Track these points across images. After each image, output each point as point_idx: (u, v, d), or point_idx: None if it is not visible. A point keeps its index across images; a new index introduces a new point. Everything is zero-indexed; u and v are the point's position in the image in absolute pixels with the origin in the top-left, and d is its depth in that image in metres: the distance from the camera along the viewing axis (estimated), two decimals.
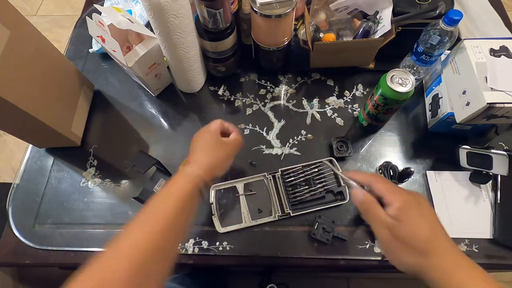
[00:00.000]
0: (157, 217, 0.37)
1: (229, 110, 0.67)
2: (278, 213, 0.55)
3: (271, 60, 0.67)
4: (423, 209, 0.34)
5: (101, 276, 0.30)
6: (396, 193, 0.35)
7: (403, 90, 0.51)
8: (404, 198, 0.35)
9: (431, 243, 0.33)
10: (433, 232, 0.33)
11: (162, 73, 0.65)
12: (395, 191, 0.36)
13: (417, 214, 0.34)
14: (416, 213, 0.34)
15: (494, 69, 0.49)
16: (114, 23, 0.55)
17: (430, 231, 0.33)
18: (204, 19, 0.56)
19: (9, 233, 0.57)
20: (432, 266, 0.32)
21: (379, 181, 0.38)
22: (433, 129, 0.61)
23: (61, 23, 1.78)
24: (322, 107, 0.67)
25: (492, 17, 0.74)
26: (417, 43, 0.58)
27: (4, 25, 0.46)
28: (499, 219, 0.53)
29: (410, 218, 0.34)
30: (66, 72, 0.62)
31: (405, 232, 0.33)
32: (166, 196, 0.40)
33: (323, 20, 0.67)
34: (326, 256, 0.53)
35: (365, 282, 1.06)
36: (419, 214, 0.34)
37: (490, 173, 0.54)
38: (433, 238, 0.33)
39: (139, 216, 0.37)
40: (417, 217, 0.34)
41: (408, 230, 0.33)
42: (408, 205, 0.34)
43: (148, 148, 0.64)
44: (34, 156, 0.64)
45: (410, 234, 0.33)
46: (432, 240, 0.33)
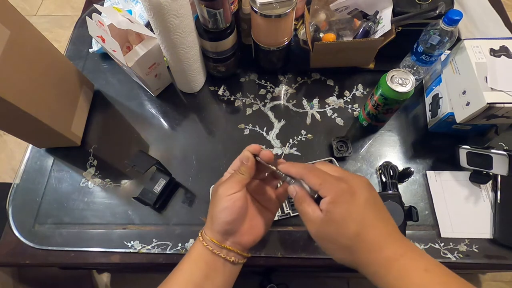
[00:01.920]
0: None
1: (229, 110, 0.67)
2: (278, 213, 0.55)
3: (271, 60, 0.67)
4: (355, 202, 0.31)
5: None
6: (328, 185, 0.32)
7: (403, 90, 0.51)
8: (336, 191, 0.32)
9: (358, 238, 0.31)
10: (361, 227, 0.31)
11: (162, 73, 0.65)
12: (327, 182, 0.33)
13: (345, 209, 0.31)
14: (344, 208, 0.31)
15: (494, 69, 0.49)
16: (114, 23, 0.55)
17: (358, 226, 0.31)
18: (204, 19, 0.56)
19: (9, 233, 0.56)
20: (364, 262, 0.31)
21: (312, 173, 0.34)
22: (433, 129, 0.61)
23: (61, 23, 1.78)
24: (322, 107, 0.67)
25: (492, 17, 0.73)
26: (417, 43, 0.58)
27: (4, 25, 0.46)
28: (499, 219, 0.53)
29: (337, 214, 0.31)
30: (66, 72, 0.62)
31: (331, 230, 0.32)
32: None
33: (323, 20, 0.67)
34: (326, 256, 0.52)
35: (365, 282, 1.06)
36: (347, 209, 0.31)
37: (490, 173, 0.54)
38: (361, 233, 0.31)
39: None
40: (344, 212, 0.31)
41: (334, 227, 0.31)
42: (338, 199, 0.31)
43: (148, 148, 0.64)
44: (34, 156, 0.64)
45: (335, 232, 0.31)
46: (359, 236, 0.31)
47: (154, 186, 0.55)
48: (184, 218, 0.57)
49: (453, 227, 0.54)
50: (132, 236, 0.55)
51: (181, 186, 0.59)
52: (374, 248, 0.31)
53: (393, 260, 0.30)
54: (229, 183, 0.37)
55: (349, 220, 0.31)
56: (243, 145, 0.62)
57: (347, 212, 0.31)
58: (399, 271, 0.29)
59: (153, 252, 0.54)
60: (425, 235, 0.54)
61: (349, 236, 0.31)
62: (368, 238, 0.31)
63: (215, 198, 0.37)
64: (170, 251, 0.54)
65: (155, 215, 0.57)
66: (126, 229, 0.56)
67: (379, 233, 0.31)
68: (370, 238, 0.31)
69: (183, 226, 0.56)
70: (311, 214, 0.33)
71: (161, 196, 0.55)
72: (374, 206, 0.32)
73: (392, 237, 0.31)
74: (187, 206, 0.58)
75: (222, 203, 0.35)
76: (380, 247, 0.30)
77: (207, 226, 0.38)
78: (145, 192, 0.54)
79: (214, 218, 0.36)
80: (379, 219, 0.32)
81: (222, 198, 0.36)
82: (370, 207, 0.32)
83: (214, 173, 0.60)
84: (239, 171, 0.37)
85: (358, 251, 0.31)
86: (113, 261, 0.54)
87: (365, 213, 0.31)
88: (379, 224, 0.32)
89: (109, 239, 0.55)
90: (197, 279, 0.35)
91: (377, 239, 0.31)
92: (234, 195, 0.35)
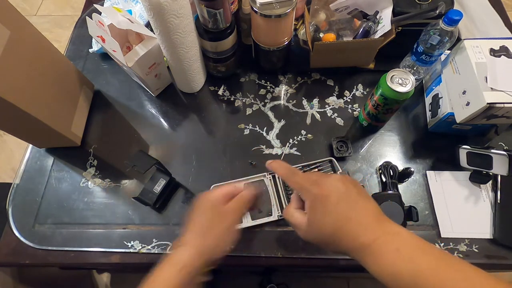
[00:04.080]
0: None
1: (229, 110, 0.67)
2: (278, 213, 0.55)
3: (271, 60, 0.67)
4: (327, 204, 0.35)
5: None
6: (305, 191, 0.37)
7: (403, 90, 0.51)
8: (311, 196, 0.36)
9: (337, 234, 0.34)
10: (336, 225, 0.34)
11: (162, 73, 0.65)
12: (304, 188, 0.37)
13: (320, 212, 0.35)
14: (320, 211, 0.35)
15: (494, 69, 0.49)
16: (114, 23, 0.55)
17: (333, 225, 0.34)
18: (204, 19, 0.56)
19: (9, 233, 0.56)
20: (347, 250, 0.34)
21: (292, 179, 0.39)
22: (433, 129, 0.61)
23: (61, 23, 1.78)
24: (322, 107, 0.67)
25: (492, 17, 0.74)
26: (417, 43, 0.58)
27: (4, 25, 0.46)
28: (499, 219, 0.53)
29: (315, 218, 0.35)
30: (66, 72, 0.62)
31: (314, 231, 0.36)
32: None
33: (323, 20, 0.67)
34: (326, 256, 0.53)
35: (365, 282, 1.06)
36: (322, 212, 0.35)
37: (490, 173, 0.54)
38: (337, 229, 0.34)
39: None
40: (320, 215, 0.35)
41: (316, 229, 0.35)
42: (314, 204, 0.35)
43: (148, 148, 0.64)
44: (34, 156, 0.64)
45: (318, 232, 0.35)
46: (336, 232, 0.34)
47: (154, 186, 0.55)
48: (184, 218, 0.56)
49: (453, 227, 0.54)
50: (132, 236, 0.55)
51: (181, 186, 0.59)
52: (352, 237, 0.33)
53: (367, 246, 0.32)
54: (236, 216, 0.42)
55: (325, 219, 0.35)
56: (243, 145, 0.63)
57: (323, 213, 0.35)
58: (373, 254, 0.32)
59: (153, 252, 0.54)
60: (425, 235, 0.54)
61: (329, 233, 0.34)
62: (344, 231, 0.34)
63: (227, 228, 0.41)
64: (170, 251, 0.54)
65: (155, 215, 0.57)
66: (126, 229, 0.56)
67: (354, 224, 0.34)
68: (346, 230, 0.34)
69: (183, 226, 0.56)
70: (296, 223, 0.38)
71: (161, 196, 0.55)
72: (348, 201, 0.35)
73: (367, 224, 0.34)
74: (187, 206, 0.58)
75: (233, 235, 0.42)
76: (356, 236, 0.33)
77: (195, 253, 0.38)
78: (145, 192, 0.54)
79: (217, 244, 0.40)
80: (353, 211, 0.34)
81: (233, 229, 0.41)
82: (343, 203, 0.35)
83: (214, 173, 0.60)
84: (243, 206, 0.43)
85: (339, 243, 0.34)
86: (113, 261, 0.54)
87: (338, 211, 0.34)
88: (354, 215, 0.34)
89: (109, 239, 0.55)
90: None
91: (353, 228, 0.34)
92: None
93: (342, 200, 0.35)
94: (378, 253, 0.32)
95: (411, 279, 0.29)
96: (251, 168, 0.60)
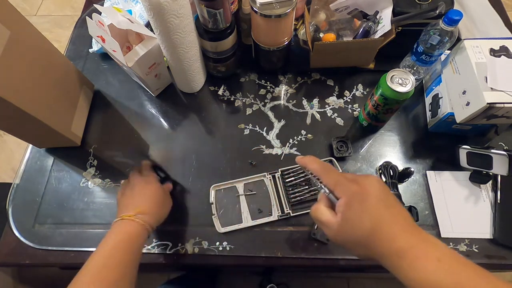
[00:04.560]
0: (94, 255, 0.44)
1: (229, 110, 0.67)
2: (278, 213, 0.55)
3: (271, 60, 0.67)
4: (367, 201, 0.34)
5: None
6: (342, 187, 0.35)
7: (403, 90, 0.51)
8: (349, 192, 0.35)
9: (373, 234, 0.32)
10: (374, 224, 0.33)
11: (162, 73, 0.65)
12: (341, 184, 0.36)
13: (359, 209, 0.33)
14: (358, 208, 0.33)
15: (494, 69, 0.49)
16: (114, 23, 0.55)
17: (371, 223, 0.33)
18: (204, 19, 0.56)
19: (9, 233, 0.57)
20: (380, 254, 0.32)
21: (328, 174, 0.37)
22: (433, 129, 0.61)
23: (61, 23, 1.78)
24: (322, 107, 0.67)
25: (492, 17, 0.74)
26: (417, 43, 0.58)
27: (4, 25, 0.46)
28: (499, 219, 0.53)
29: (352, 214, 0.34)
30: (66, 72, 0.62)
31: (347, 230, 0.34)
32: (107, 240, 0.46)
33: (323, 20, 0.67)
34: (326, 256, 0.53)
35: (365, 282, 1.06)
36: (361, 209, 0.33)
37: (490, 173, 0.54)
38: (375, 228, 0.32)
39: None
40: (359, 211, 0.33)
41: (349, 227, 0.34)
42: (352, 200, 0.34)
43: (148, 148, 0.64)
44: (34, 156, 0.64)
45: (351, 231, 0.34)
46: (373, 231, 0.32)
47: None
48: (184, 218, 0.57)
49: (453, 227, 0.54)
50: None
51: (181, 186, 0.59)
52: (388, 240, 0.32)
53: (405, 250, 0.31)
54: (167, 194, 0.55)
55: (363, 218, 0.33)
56: (243, 145, 0.63)
57: (361, 211, 0.33)
58: (411, 260, 0.31)
59: (153, 252, 0.54)
60: None
61: (364, 233, 0.33)
62: (382, 232, 0.32)
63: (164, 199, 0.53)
64: (170, 251, 0.54)
65: None
66: None
67: (392, 227, 0.33)
68: (383, 232, 0.32)
69: (183, 226, 0.56)
70: (327, 221, 0.36)
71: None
72: (386, 203, 0.34)
73: (405, 229, 0.33)
74: (187, 206, 0.58)
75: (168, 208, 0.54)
76: (393, 239, 0.32)
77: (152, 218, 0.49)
78: None
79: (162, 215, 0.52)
80: (391, 214, 0.33)
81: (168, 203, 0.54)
82: (382, 204, 0.34)
83: (214, 173, 0.60)
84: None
85: (373, 245, 0.33)
86: None
87: (378, 210, 0.33)
88: (392, 218, 0.33)
89: None
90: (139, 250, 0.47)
91: (391, 232, 0.32)
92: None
93: (381, 200, 0.34)
94: (417, 260, 0.31)
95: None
96: (251, 168, 0.60)
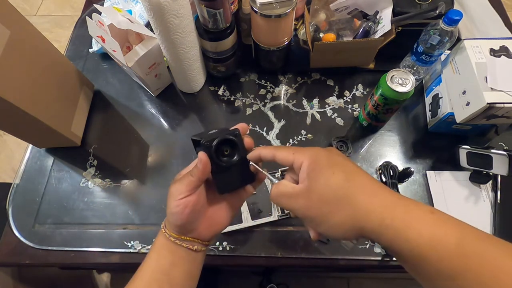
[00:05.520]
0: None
1: (229, 110, 0.67)
2: (278, 213, 0.55)
3: (271, 60, 0.67)
4: (333, 156, 0.30)
5: None
6: (300, 152, 0.31)
7: (403, 90, 0.51)
8: (310, 153, 0.30)
9: (350, 183, 0.28)
10: (348, 173, 0.29)
11: (162, 73, 0.65)
12: (298, 151, 0.31)
13: (326, 163, 0.29)
14: (325, 163, 0.29)
15: (494, 69, 0.49)
16: (114, 23, 0.55)
17: (344, 172, 0.29)
18: (204, 19, 0.56)
19: (9, 233, 0.56)
20: (366, 210, 0.27)
21: (282, 149, 0.33)
22: (433, 129, 0.61)
23: (61, 23, 1.78)
24: (322, 107, 0.67)
25: (492, 17, 0.73)
26: (417, 43, 0.58)
27: (4, 25, 0.46)
28: (499, 219, 0.53)
29: (320, 169, 0.29)
30: (66, 72, 0.62)
31: (320, 189, 0.29)
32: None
33: (323, 20, 0.67)
34: (326, 256, 0.53)
35: (365, 282, 1.06)
36: (328, 163, 0.29)
37: (490, 173, 0.54)
38: (350, 178, 0.28)
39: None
40: (326, 166, 0.29)
41: (322, 185, 0.28)
42: (316, 158, 0.30)
43: (148, 148, 0.64)
44: (34, 156, 0.64)
45: (325, 187, 0.28)
46: (349, 181, 0.28)
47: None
48: None
49: None
50: (132, 236, 0.55)
51: None
52: (369, 192, 0.28)
53: (396, 200, 0.27)
54: (179, 186, 0.34)
55: (334, 169, 0.29)
56: None
57: (328, 165, 0.29)
58: (405, 209, 0.26)
59: None
60: None
61: (340, 183, 0.28)
62: (360, 183, 0.28)
63: (168, 196, 0.35)
64: None
65: (155, 215, 0.57)
66: (126, 229, 0.56)
67: (367, 179, 0.29)
68: (361, 183, 0.29)
69: None
70: (293, 192, 0.30)
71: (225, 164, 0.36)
72: (350, 161, 0.31)
73: (380, 184, 0.29)
74: None
75: (171, 207, 0.33)
76: (374, 191, 0.28)
77: (166, 220, 0.37)
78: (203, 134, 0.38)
79: (168, 217, 0.35)
80: (359, 169, 0.30)
81: (171, 201, 0.34)
82: (348, 161, 0.31)
83: None
84: (191, 173, 0.34)
85: (355, 197, 0.28)
86: (113, 261, 0.54)
87: (345, 162, 0.30)
88: (362, 172, 0.30)
89: (109, 239, 0.55)
90: (163, 267, 0.35)
91: (368, 184, 0.29)
92: (183, 200, 0.33)
93: (344, 159, 0.30)
94: (410, 210, 0.26)
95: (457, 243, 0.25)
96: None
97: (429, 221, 0.26)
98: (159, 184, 0.60)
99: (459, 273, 0.24)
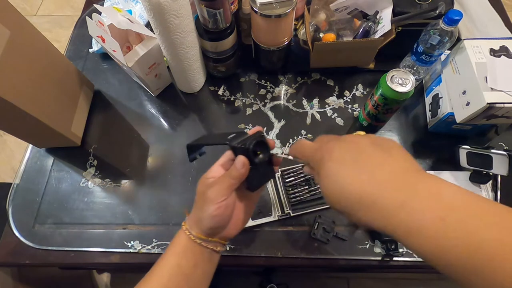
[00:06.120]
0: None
1: (229, 110, 0.67)
2: (278, 213, 0.55)
3: (271, 60, 0.67)
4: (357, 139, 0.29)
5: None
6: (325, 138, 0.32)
7: (403, 90, 0.51)
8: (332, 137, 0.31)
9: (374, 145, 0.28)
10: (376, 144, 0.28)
11: (162, 73, 0.65)
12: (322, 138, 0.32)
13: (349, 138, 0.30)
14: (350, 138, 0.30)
15: (494, 69, 0.49)
16: (114, 23, 0.55)
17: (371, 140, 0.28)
18: (204, 19, 0.56)
19: (9, 233, 0.57)
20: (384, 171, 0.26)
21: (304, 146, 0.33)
22: (433, 129, 0.61)
23: (61, 23, 1.79)
24: (322, 107, 0.67)
25: (492, 17, 0.73)
26: (417, 43, 0.58)
27: (4, 25, 0.46)
28: None
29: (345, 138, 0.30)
30: (66, 72, 0.62)
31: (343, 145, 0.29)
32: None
33: (323, 20, 0.67)
34: (326, 256, 0.53)
35: (365, 282, 1.06)
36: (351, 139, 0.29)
37: (490, 173, 0.54)
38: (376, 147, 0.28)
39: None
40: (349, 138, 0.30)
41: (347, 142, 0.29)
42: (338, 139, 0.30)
43: (148, 148, 0.64)
44: (34, 156, 0.64)
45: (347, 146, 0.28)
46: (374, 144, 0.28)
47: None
48: (184, 218, 0.56)
49: None
50: (132, 236, 0.55)
51: (181, 186, 0.59)
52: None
53: (418, 169, 0.26)
54: (219, 188, 0.34)
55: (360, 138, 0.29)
56: None
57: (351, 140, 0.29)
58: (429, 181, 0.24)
59: (153, 252, 0.54)
60: None
61: (366, 141, 0.28)
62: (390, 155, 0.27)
63: (203, 200, 0.35)
64: None
65: (155, 215, 0.57)
66: (126, 229, 0.56)
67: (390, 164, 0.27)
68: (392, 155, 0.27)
69: None
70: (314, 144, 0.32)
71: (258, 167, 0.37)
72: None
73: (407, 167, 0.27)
74: (187, 206, 0.57)
75: (211, 210, 0.34)
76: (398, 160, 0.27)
77: (194, 223, 0.36)
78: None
79: (202, 220, 0.35)
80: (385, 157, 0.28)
81: (211, 204, 0.34)
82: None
83: None
84: (230, 176, 0.35)
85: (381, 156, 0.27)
86: (113, 261, 0.54)
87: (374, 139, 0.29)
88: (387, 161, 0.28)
89: (109, 239, 0.55)
90: (185, 268, 0.35)
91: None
92: (224, 203, 0.34)
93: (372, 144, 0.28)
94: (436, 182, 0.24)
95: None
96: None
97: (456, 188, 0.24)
98: (159, 184, 0.60)
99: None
